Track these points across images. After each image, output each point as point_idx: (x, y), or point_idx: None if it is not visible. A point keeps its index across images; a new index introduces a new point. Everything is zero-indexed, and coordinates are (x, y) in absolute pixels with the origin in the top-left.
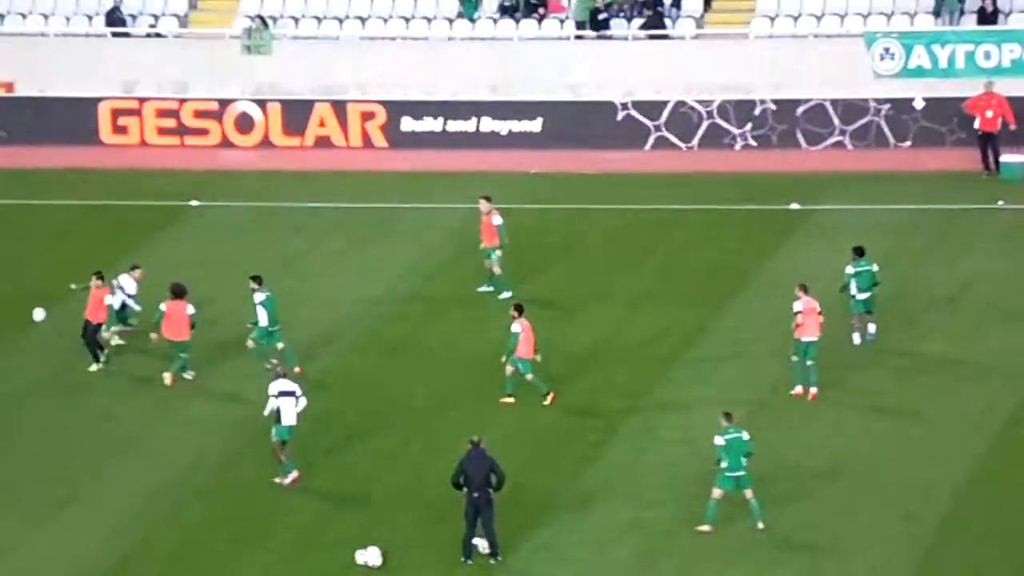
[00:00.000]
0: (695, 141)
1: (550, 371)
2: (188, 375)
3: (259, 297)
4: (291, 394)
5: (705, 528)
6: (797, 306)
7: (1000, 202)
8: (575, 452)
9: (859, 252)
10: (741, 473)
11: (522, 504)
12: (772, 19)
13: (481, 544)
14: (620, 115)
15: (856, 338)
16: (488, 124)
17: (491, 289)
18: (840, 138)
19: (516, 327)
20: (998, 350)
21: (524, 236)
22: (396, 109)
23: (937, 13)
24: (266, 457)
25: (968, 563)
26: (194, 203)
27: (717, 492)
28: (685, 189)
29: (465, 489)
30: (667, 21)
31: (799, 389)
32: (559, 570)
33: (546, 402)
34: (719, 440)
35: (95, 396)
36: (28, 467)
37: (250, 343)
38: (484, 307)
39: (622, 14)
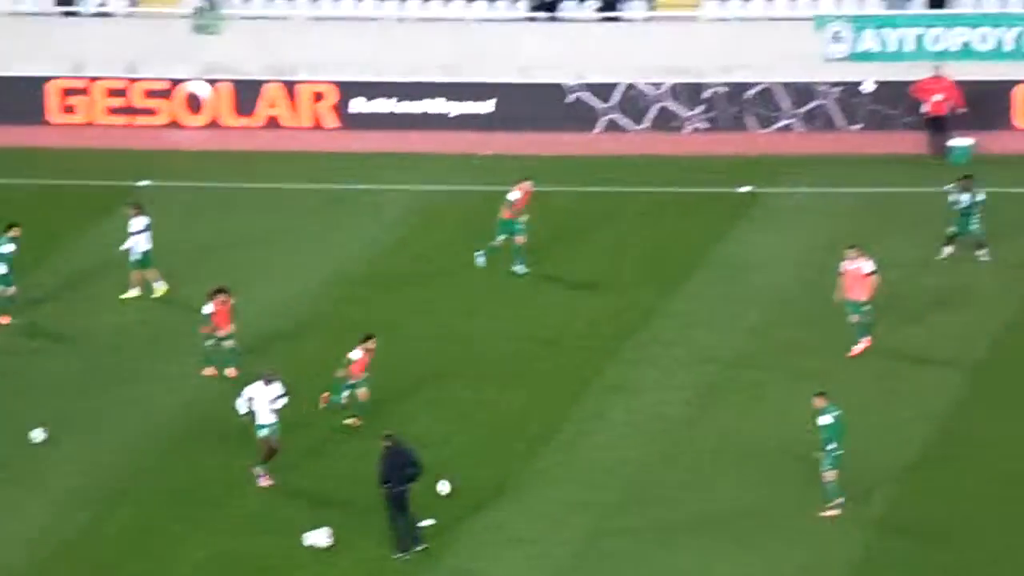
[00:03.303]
0: (646, 123)
1: (502, 351)
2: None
3: None
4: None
5: (832, 512)
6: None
7: (948, 186)
8: (526, 434)
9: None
10: (842, 451)
11: (474, 485)
12: (722, 1)
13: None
14: (570, 97)
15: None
16: (439, 105)
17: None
18: (790, 121)
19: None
20: (943, 334)
21: (474, 218)
22: (347, 90)
23: None
24: (217, 439)
25: (907, 557)
26: (144, 183)
27: (831, 475)
28: (635, 172)
29: (387, 485)
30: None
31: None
32: (509, 550)
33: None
34: (827, 420)
35: (39, 373)
36: None
37: None
38: (436, 287)
39: None
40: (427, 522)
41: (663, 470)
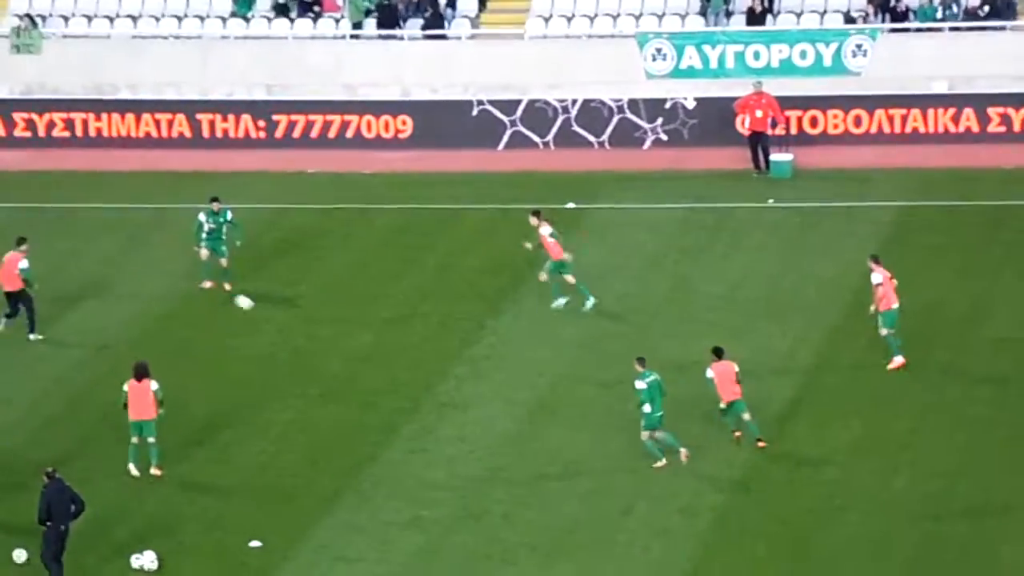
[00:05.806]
0: (474, 140)
1: (331, 369)
2: None
3: None
4: None
5: (660, 464)
6: (875, 278)
7: (770, 200)
8: (356, 451)
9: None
10: (661, 412)
11: (302, 504)
12: (546, 19)
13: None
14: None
15: None
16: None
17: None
18: (614, 137)
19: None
20: (762, 347)
21: (301, 236)
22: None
23: (703, 14)
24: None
25: (743, 556)
26: None
27: (645, 434)
28: (462, 188)
29: (50, 523)
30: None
31: (899, 360)
32: (340, 569)
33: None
34: (640, 384)
35: None
36: None
37: None
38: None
39: (405, 14)
40: (255, 544)
41: (495, 486)
